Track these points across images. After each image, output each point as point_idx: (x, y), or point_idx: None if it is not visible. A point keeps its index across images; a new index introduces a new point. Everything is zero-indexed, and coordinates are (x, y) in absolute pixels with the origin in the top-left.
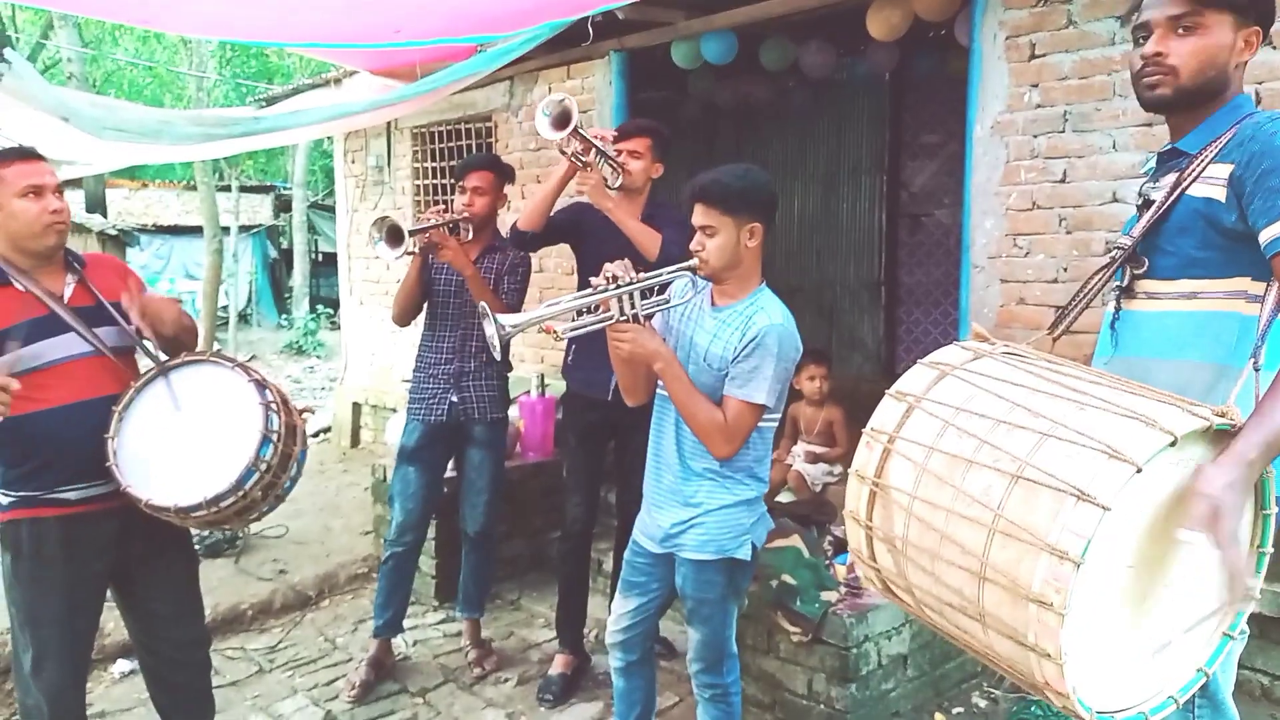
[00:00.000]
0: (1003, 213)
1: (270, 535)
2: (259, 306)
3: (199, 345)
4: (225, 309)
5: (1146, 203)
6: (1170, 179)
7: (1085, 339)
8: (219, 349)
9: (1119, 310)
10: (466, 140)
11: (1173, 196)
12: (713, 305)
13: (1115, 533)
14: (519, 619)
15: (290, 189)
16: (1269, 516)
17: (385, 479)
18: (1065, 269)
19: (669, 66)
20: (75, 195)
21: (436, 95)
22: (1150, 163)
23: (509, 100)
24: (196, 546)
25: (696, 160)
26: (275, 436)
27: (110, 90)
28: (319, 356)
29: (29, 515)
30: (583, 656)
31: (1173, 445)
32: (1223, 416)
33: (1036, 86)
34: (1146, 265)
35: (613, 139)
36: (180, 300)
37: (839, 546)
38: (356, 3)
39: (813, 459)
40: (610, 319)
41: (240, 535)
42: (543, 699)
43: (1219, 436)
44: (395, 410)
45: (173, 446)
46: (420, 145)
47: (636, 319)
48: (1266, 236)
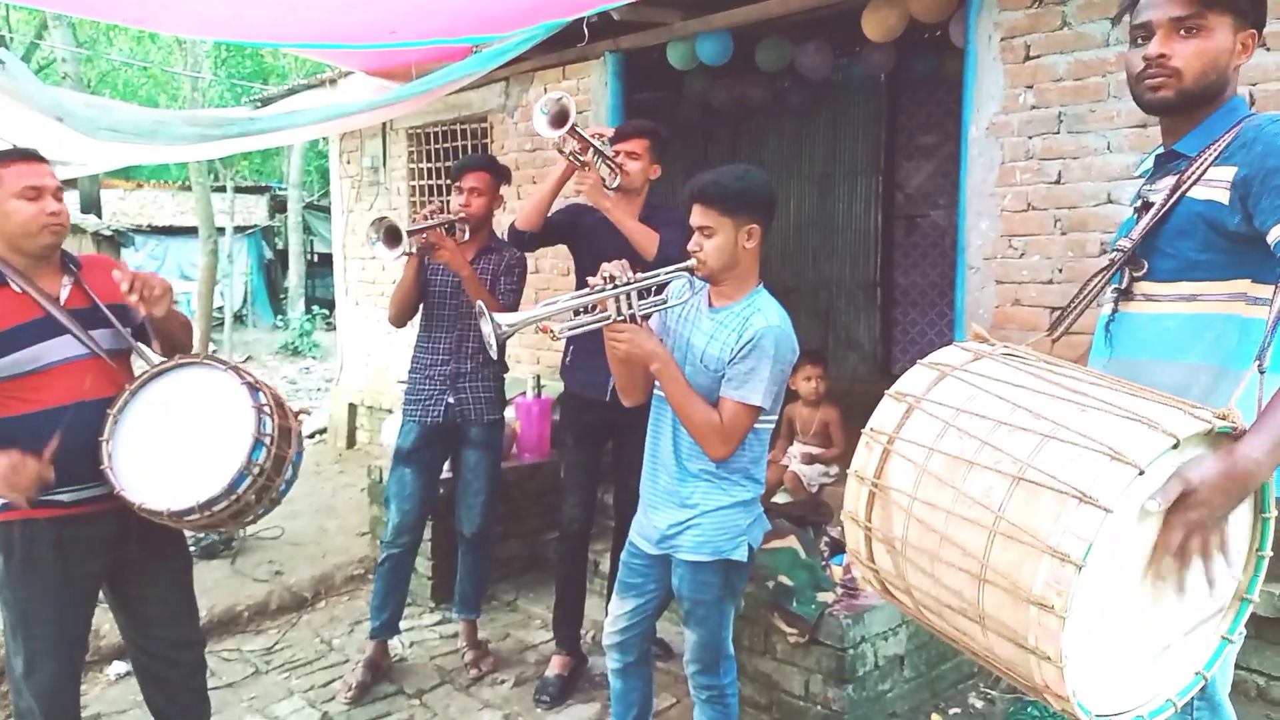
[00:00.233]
0: (998, 214)
1: (266, 537)
2: (254, 307)
3: (194, 347)
4: (220, 310)
5: (1145, 205)
6: (1169, 181)
7: (1083, 340)
8: (214, 351)
9: (1115, 312)
10: (462, 141)
11: (1172, 199)
12: (710, 306)
13: (1117, 535)
14: (515, 620)
15: (285, 189)
16: (1268, 520)
17: (381, 480)
18: (1060, 270)
19: (665, 67)
20: (70, 196)
21: (432, 96)
22: (1146, 164)
23: (505, 101)
24: (192, 548)
25: (692, 161)
26: (268, 440)
27: (105, 90)
28: (314, 357)
29: (22, 517)
30: (580, 657)
31: (1175, 448)
32: (1224, 419)
33: (1031, 88)
34: (1145, 267)
35: (610, 139)
36: (175, 302)
37: (835, 547)
38: (352, 3)
39: (809, 460)
40: (607, 319)
41: (236, 537)
42: (539, 700)
43: (1220, 439)
44: (391, 411)
45: (166, 450)
46: (416, 146)
47: (634, 319)
48: (1276, 236)
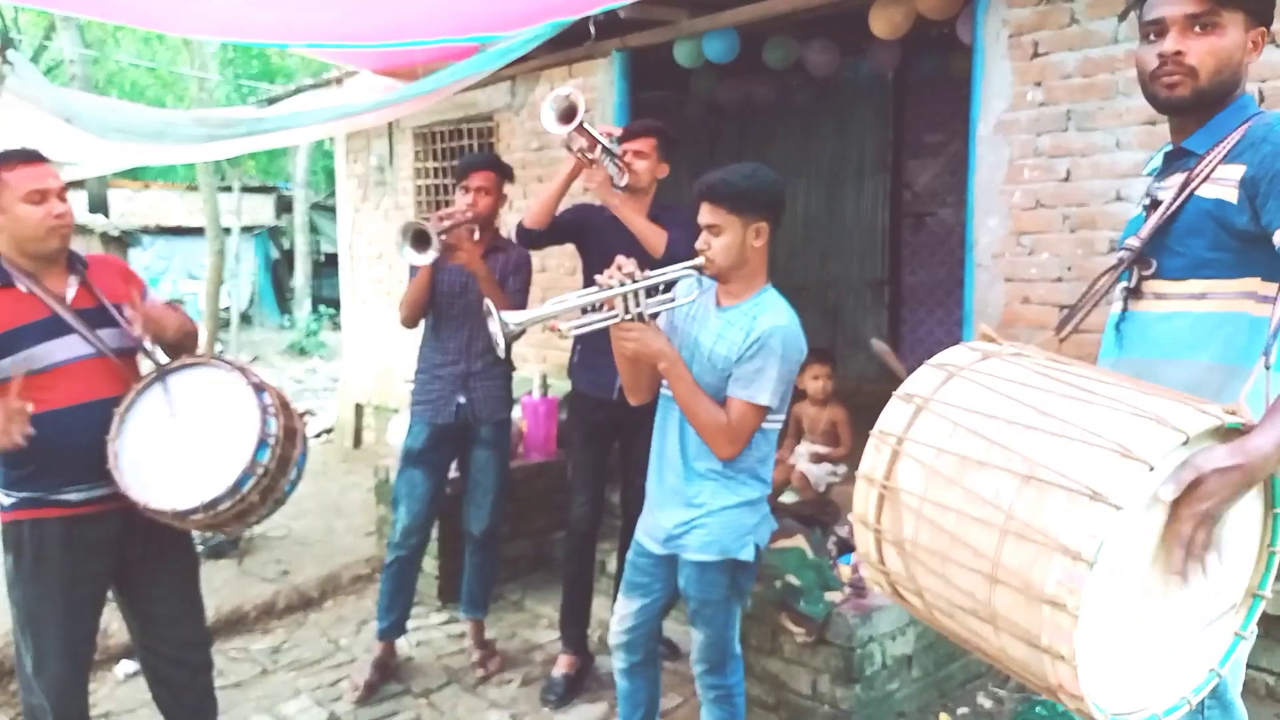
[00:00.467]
0: (1006, 212)
1: (273, 536)
2: (261, 307)
3: (200, 347)
4: (227, 310)
5: (1154, 203)
6: (1178, 179)
7: (1091, 339)
8: (221, 351)
9: (1125, 311)
10: (468, 140)
11: (1181, 197)
12: (718, 305)
13: (1128, 532)
14: (522, 620)
15: (292, 189)
16: (1279, 515)
17: (388, 480)
18: (1069, 268)
19: (671, 66)
20: (78, 196)
21: (438, 95)
22: (1154, 162)
23: (511, 100)
24: (200, 547)
25: (699, 160)
26: (272, 440)
27: (112, 91)
28: (321, 357)
29: (31, 516)
30: (587, 657)
31: (1185, 444)
32: (1233, 414)
33: (1040, 85)
34: (1155, 266)
35: (618, 138)
36: (182, 302)
37: (843, 547)
38: (358, 3)
39: (816, 459)
40: (615, 317)
41: (243, 537)
42: (546, 700)
43: (1230, 435)
44: (397, 411)
45: (171, 449)
46: (422, 145)
47: (641, 317)
48: None
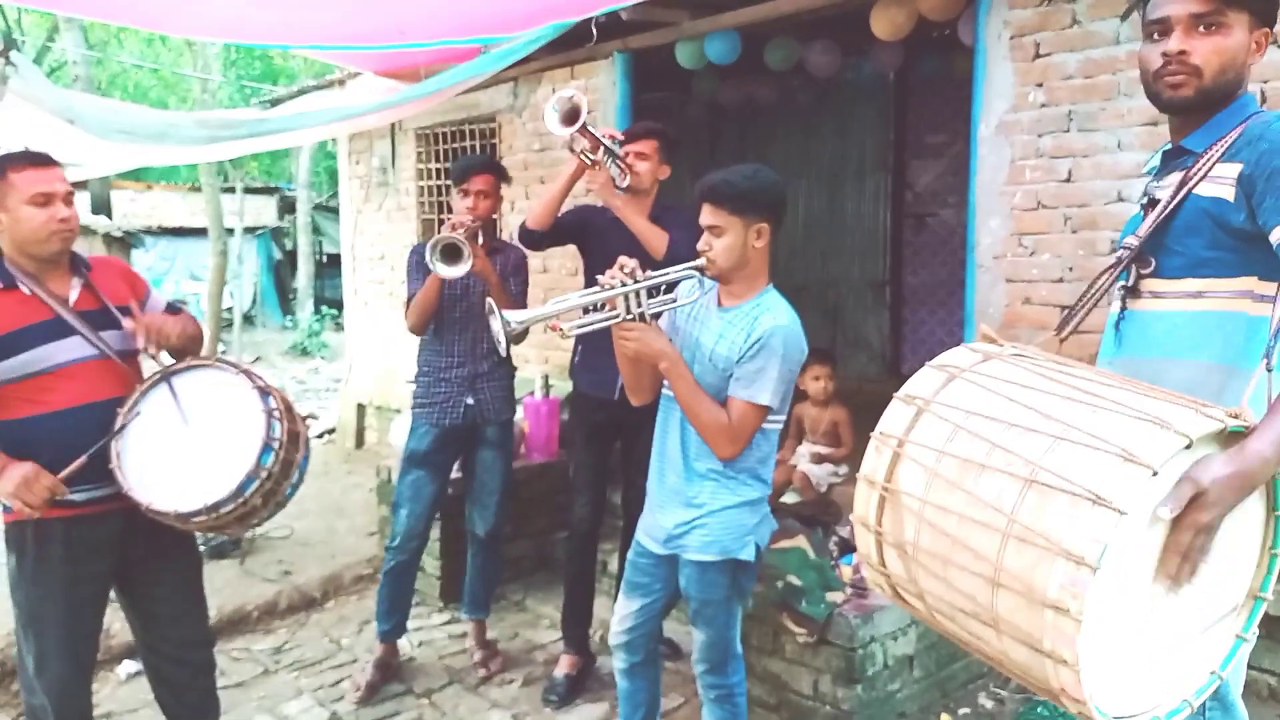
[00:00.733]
0: (1008, 212)
1: (275, 536)
2: (264, 308)
3: (204, 349)
4: (230, 310)
5: (1152, 202)
6: (1176, 178)
7: (1091, 339)
8: (224, 353)
9: (1124, 310)
10: (471, 141)
11: (1179, 196)
12: (719, 305)
13: (1130, 536)
14: (524, 620)
15: (295, 190)
16: None
17: (390, 480)
18: (1071, 268)
19: (673, 67)
20: (81, 197)
21: (441, 96)
22: (1153, 160)
23: (513, 101)
24: (202, 548)
25: (700, 161)
26: (277, 444)
27: (115, 92)
28: (323, 358)
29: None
30: (588, 657)
31: (1188, 448)
32: (1236, 418)
33: (1041, 86)
34: (1153, 265)
35: (620, 141)
36: (184, 303)
37: (844, 547)
38: (361, 4)
39: (818, 459)
40: (617, 317)
41: (245, 537)
42: (548, 700)
43: (1232, 438)
44: (400, 411)
45: (175, 451)
46: (425, 146)
47: (643, 317)
48: (1277, 236)
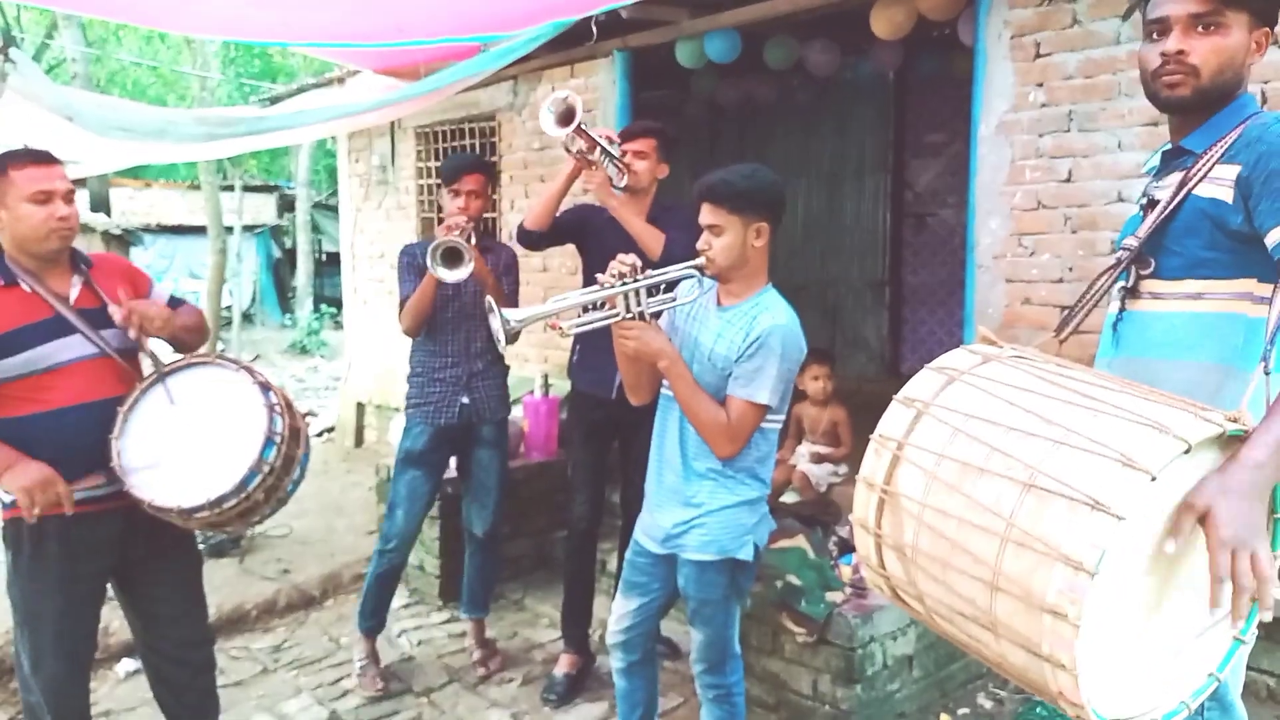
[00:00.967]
0: (1008, 212)
1: (274, 535)
2: (263, 306)
3: (204, 346)
4: (229, 309)
5: (1151, 202)
6: (1175, 178)
7: (1091, 340)
8: (223, 350)
9: (1122, 311)
10: (470, 140)
11: (1178, 196)
12: (718, 304)
13: (1128, 541)
14: (523, 619)
15: (294, 189)
16: (1279, 520)
17: (389, 479)
18: (1071, 269)
19: (673, 66)
20: (80, 195)
21: (440, 95)
22: (1153, 161)
23: (513, 99)
24: (201, 546)
25: (699, 160)
26: (279, 439)
27: (114, 90)
28: (323, 356)
29: None
30: (588, 656)
31: (1186, 453)
32: (1235, 421)
33: (1041, 86)
34: (1153, 265)
35: (617, 140)
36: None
37: (844, 547)
38: (360, 3)
39: (817, 459)
40: (616, 316)
41: (244, 536)
42: (547, 699)
43: (1231, 442)
44: (399, 410)
45: (177, 448)
46: (424, 145)
47: (642, 316)
48: (1273, 239)
